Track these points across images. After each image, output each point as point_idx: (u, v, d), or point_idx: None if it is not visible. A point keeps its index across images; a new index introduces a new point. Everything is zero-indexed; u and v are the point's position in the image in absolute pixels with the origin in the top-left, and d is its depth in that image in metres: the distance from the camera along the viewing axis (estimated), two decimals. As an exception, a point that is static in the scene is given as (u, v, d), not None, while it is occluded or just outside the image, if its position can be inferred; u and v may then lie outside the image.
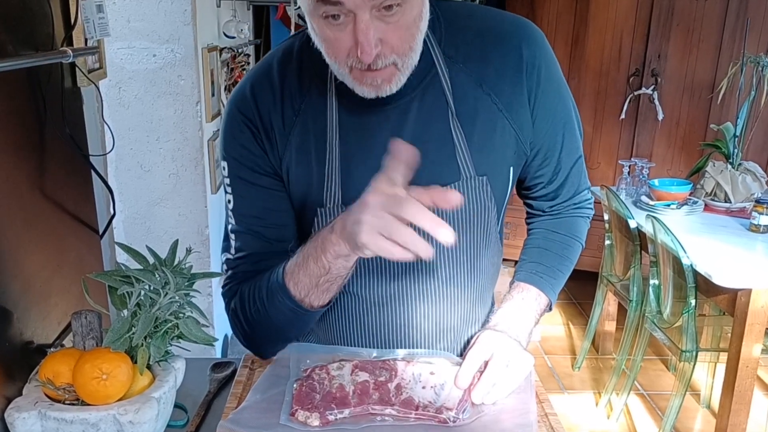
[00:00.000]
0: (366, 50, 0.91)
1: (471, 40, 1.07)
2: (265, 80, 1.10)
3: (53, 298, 1.21)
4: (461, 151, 1.07)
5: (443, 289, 1.15)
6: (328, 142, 1.08)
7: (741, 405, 2.52)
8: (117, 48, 2.08)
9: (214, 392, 1.13)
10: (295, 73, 1.09)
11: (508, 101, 1.08)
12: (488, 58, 1.07)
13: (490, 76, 1.07)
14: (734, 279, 2.43)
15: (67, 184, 1.34)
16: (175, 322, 0.99)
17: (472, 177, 1.09)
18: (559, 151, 1.16)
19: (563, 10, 4.15)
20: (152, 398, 0.96)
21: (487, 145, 1.09)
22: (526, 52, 1.07)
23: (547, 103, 1.11)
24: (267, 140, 1.09)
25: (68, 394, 0.96)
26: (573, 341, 3.86)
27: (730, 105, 3.78)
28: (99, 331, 1.04)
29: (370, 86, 0.98)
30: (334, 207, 1.09)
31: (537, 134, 1.13)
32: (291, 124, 1.09)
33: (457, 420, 0.99)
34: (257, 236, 1.12)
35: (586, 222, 1.26)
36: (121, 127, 2.12)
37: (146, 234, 2.24)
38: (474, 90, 1.07)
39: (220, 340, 2.66)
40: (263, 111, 1.09)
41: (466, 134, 1.07)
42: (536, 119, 1.11)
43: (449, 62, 1.06)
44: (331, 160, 1.08)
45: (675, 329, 2.71)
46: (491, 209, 1.13)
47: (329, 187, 1.09)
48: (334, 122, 1.07)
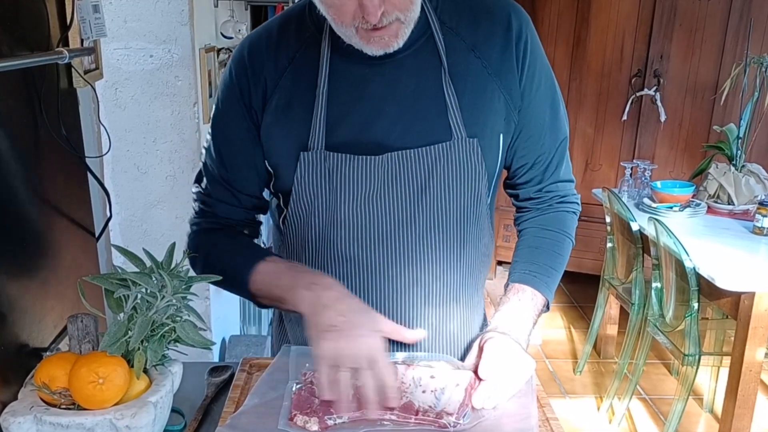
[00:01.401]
0: (371, 11, 0.96)
1: (463, 9, 1.13)
2: (264, 33, 1.17)
3: (49, 301, 1.21)
4: (453, 109, 1.11)
5: (431, 254, 1.15)
6: (318, 87, 1.11)
7: (744, 409, 2.52)
8: (113, 48, 2.07)
9: (211, 396, 1.13)
10: (293, 29, 1.15)
11: (497, 66, 1.12)
12: (480, 26, 1.13)
13: (481, 42, 1.12)
14: (737, 282, 2.43)
15: (62, 186, 1.34)
16: (172, 325, 0.99)
17: (463, 138, 1.11)
18: (545, 129, 1.18)
19: (564, 11, 4.15)
20: (149, 403, 0.95)
21: (477, 106, 1.12)
22: (515, 23, 1.13)
23: (533, 76, 1.15)
24: (255, 84, 1.14)
25: (64, 398, 0.96)
26: (574, 345, 3.85)
27: (733, 106, 3.78)
28: (95, 334, 1.03)
29: (377, 44, 1.03)
30: (318, 152, 1.11)
31: (523, 108, 1.15)
32: (283, 70, 1.13)
33: (458, 425, 0.98)
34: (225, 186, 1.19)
35: (573, 218, 1.27)
36: (118, 129, 2.11)
37: (143, 237, 2.23)
38: (466, 54, 1.12)
39: (217, 344, 2.65)
40: (257, 61, 1.14)
41: (458, 93, 1.11)
42: (523, 91, 1.14)
43: (444, 28, 1.11)
44: (319, 106, 1.11)
45: (677, 333, 2.70)
46: (482, 176, 1.14)
47: (314, 131, 1.11)
48: (325, 70, 1.11)
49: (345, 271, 1.15)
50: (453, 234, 1.15)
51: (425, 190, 1.11)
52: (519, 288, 1.18)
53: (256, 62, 1.14)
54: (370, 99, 1.10)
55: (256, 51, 1.15)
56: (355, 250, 1.13)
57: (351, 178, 1.11)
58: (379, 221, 1.12)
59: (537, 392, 1.07)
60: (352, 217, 1.12)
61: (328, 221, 1.13)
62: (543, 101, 1.17)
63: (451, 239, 1.15)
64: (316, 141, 1.11)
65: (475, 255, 1.20)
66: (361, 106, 1.11)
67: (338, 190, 1.11)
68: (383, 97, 1.10)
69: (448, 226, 1.14)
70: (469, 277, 1.20)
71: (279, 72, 1.13)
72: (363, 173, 1.10)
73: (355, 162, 1.10)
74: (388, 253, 1.13)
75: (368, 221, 1.12)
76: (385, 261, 1.14)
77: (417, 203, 1.11)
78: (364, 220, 1.12)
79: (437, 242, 1.14)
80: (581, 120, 4.22)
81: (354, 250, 1.13)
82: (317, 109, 1.11)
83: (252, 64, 1.14)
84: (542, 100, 1.17)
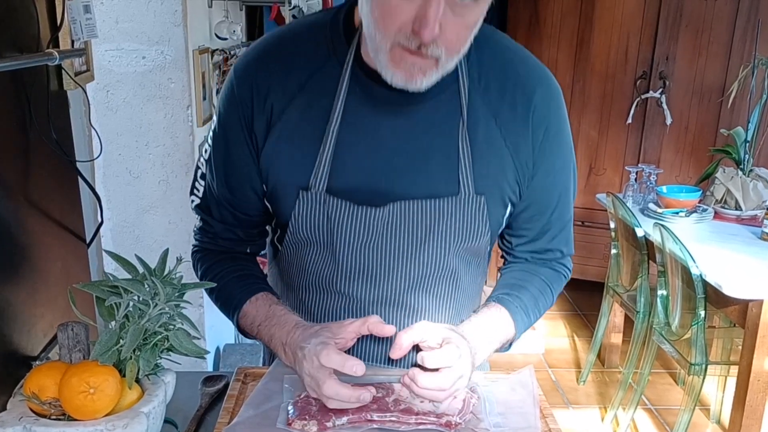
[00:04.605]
0: (430, 25, 0.90)
1: (494, 73, 1.09)
2: (273, 48, 1.12)
3: (38, 309, 1.20)
4: (464, 165, 1.08)
5: (424, 299, 1.16)
6: (329, 125, 1.07)
7: (752, 420, 2.50)
8: (105, 50, 2.07)
9: (205, 407, 1.12)
10: (309, 48, 1.09)
11: (515, 141, 1.10)
12: (506, 94, 1.09)
13: (504, 111, 1.09)
14: (745, 289, 2.41)
15: (53, 191, 1.33)
16: (165, 334, 0.98)
17: (471, 195, 1.10)
18: (551, 212, 1.18)
19: (568, 11, 4.14)
20: (141, 413, 0.95)
21: (490, 168, 1.10)
22: (540, 106, 1.09)
23: (547, 162, 1.13)
24: (260, 110, 1.10)
25: (54, 408, 0.95)
26: (578, 354, 3.84)
27: (740, 109, 3.78)
28: (86, 343, 1.03)
29: (405, 71, 0.96)
30: (319, 193, 1.09)
31: (532, 188, 1.14)
32: (291, 97, 1.09)
33: (459, 425, 0.99)
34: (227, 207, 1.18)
35: (562, 280, 1.26)
36: (109, 132, 2.10)
37: (135, 243, 2.23)
38: (487, 119, 1.09)
39: (211, 353, 2.65)
40: (262, 82, 1.09)
41: (472, 151, 1.08)
42: (535, 173, 1.13)
43: (471, 83, 1.08)
44: (327, 145, 1.07)
45: (684, 341, 2.69)
46: (485, 233, 1.13)
47: (318, 171, 1.08)
48: (340, 107, 1.07)
49: (335, 302, 1.17)
50: (448, 282, 1.16)
51: (425, 241, 1.11)
52: (498, 307, 1.16)
53: (262, 82, 1.09)
54: (381, 149, 1.07)
55: (263, 69, 1.09)
56: (347, 287, 1.14)
57: (350, 226, 1.10)
58: (375, 266, 1.12)
59: (540, 402, 1.07)
60: (347, 260, 1.12)
61: (323, 259, 1.14)
62: (554, 185, 1.16)
63: (446, 286, 1.17)
64: (318, 181, 1.08)
65: (468, 296, 1.21)
66: (370, 155, 1.08)
67: (336, 235, 1.10)
68: (395, 150, 1.08)
69: (444, 276, 1.15)
70: (457, 317, 1.20)
71: (287, 98, 1.08)
72: (363, 223, 1.10)
73: (356, 211, 1.09)
74: (381, 294, 1.14)
75: (364, 265, 1.12)
76: (378, 301, 1.14)
77: (416, 253, 1.11)
78: (359, 264, 1.12)
79: (431, 289, 1.15)
80: (585, 123, 4.22)
81: (346, 287, 1.14)
82: (324, 148, 1.07)
83: (257, 84, 1.09)
84: (553, 184, 1.16)
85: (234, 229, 1.20)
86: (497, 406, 1.06)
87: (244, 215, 1.18)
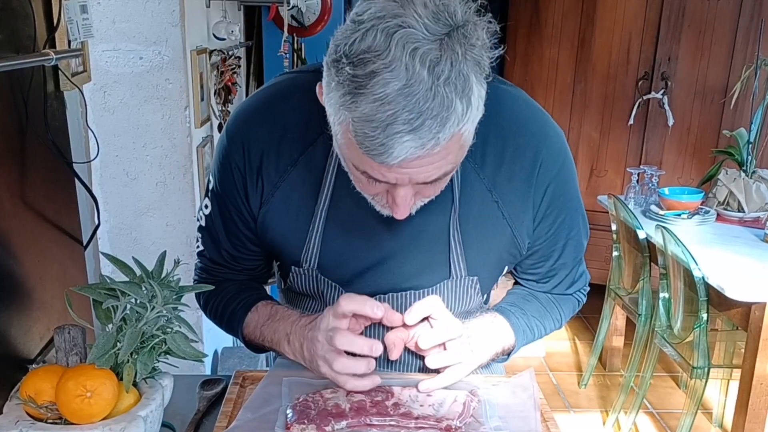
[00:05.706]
0: (402, 212, 0.93)
1: (492, 140, 1.05)
2: (264, 121, 1.09)
3: (35, 312, 1.20)
4: (456, 252, 1.09)
5: None
6: (318, 205, 1.08)
7: (755, 424, 2.49)
8: (102, 50, 2.05)
9: (203, 411, 1.12)
10: (301, 118, 1.07)
11: (513, 210, 1.09)
12: (503, 163, 1.07)
13: (502, 183, 1.07)
14: (748, 292, 2.40)
15: (49, 193, 1.33)
16: (162, 337, 0.99)
17: (462, 277, 1.12)
18: (556, 258, 1.18)
19: (569, 11, 4.13)
20: (138, 417, 0.95)
21: (483, 248, 1.11)
22: (543, 168, 1.07)
23: (550, 218, 1.12)
24: (252, 184, 1.11)
25: (51, 412, 0.95)
26: (579, 357, 3.83)
27: (743, 110, 3.77)
28: (83, 346, 1.03)
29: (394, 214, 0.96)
30: (310, 270, 1.13)
31: (536, 239, 1.14)
32: (283, 173, 1.09)
33: (459, 429, 0.99)
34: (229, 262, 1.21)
35: (576, 304, 1.27)
36: (106, 133, 2.09)
37: (132, 245, 2.22)
38: (483, 194, 1.07)
39: (209, 356, 2.64)
40: (254, 154, 1.08)
41: (463, 235, 1.08)
42: (537, 227, 1.12)
43: (467, 159, 0.98)
44: (316, 225, 1.09)
45: (686, 345, 2.68)
46: (479, 302, 1.18)
47: (308, 249, 1.11)
48: (329, 187, 1.07)
49: None
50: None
51: None
52: (499, 317, 1.17)
53: (254, 155, 1.08)
54: (367, 230, 1.08)
55: (255, 140, 1.08)
56: None
57: None
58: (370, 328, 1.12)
59: (540, 406, 1.07)
60: None
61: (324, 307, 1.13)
62: (557, 236, 1.15)
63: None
64: (308, 259, 1.12)
65: None
66: (355, 235, 1.09)
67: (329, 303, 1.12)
68: (384, 236, 1.08)
69: None
70: None
71: (279, 175, 1.09)
72: None
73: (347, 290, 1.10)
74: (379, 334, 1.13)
75: None
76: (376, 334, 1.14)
77: None
78: None
79: None
80: (586, 124, 4.21)
81: None
82: (314, 227, 1.09)
83: (249, 155, 1.08)
84: (558, 235, 1.15)
85: (237, 275, 1.23)
86: (498, 409, 1.06)
87: (249, 269, 1.23)
